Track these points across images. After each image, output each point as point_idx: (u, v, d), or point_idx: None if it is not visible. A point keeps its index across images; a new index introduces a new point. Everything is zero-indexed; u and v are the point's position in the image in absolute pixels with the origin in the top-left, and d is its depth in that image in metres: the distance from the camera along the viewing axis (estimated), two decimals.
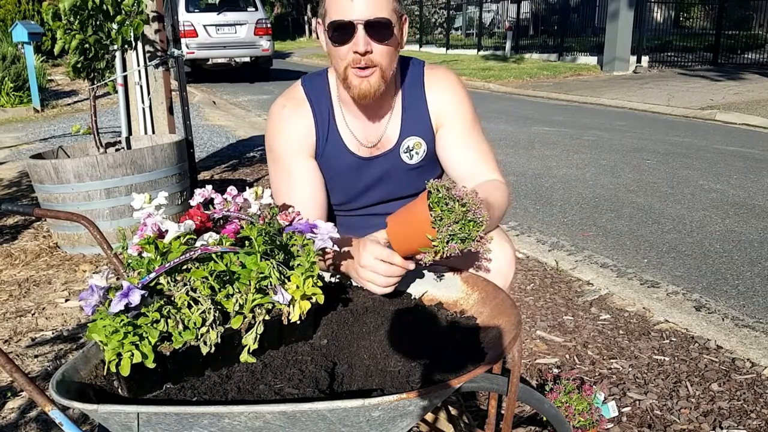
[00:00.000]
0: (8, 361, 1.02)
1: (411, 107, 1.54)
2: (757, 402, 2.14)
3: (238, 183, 5.18)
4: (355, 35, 1.33)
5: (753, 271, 3.32)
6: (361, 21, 1.32)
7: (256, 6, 13.32)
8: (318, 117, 1.52)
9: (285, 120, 1.53)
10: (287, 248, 1.11)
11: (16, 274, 3.29)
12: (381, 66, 1.38)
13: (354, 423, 0.90)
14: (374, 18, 1.32)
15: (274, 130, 1.54)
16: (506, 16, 20.28)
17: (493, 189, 1.42)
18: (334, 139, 1.53)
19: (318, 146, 1.53)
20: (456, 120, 1.54)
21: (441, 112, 1.54)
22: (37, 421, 2.01)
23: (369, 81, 1.38)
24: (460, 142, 1.54)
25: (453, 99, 1.55)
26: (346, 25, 1.33)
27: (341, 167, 1.55)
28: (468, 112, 1.56)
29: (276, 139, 1.53)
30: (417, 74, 1.56)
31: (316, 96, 1.54)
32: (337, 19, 1.33)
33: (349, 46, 1.35)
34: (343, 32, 1.34)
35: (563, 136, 7.27)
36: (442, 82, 1.55)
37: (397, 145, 1.55)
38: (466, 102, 1.56)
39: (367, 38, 1.34)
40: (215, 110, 9.71)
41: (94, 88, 3.61)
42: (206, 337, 0.99)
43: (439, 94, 1.54)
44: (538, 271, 3.34)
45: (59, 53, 3.68)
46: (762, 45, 13.87)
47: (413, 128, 1.54)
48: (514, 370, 1.13)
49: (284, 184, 1.52)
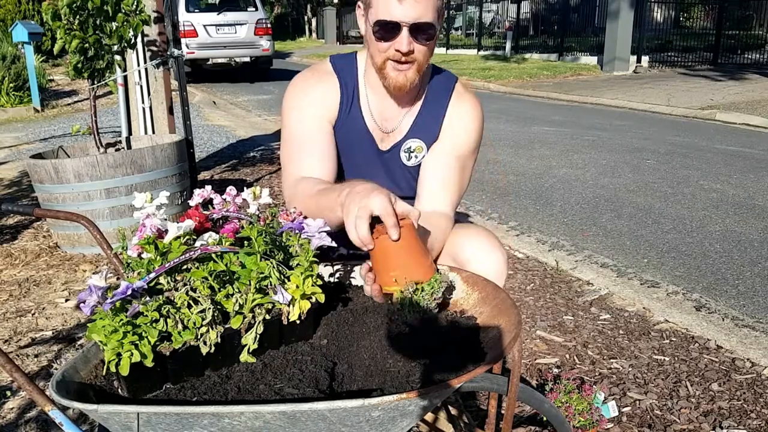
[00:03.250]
0: (8, 361, 1.02)
1: (429, 112, 1.56)
2: (757, 402, 2.14)
3: (238, 183, 5.18)
4: (400, 35, 1.37)
5: (753, 271, 3.32)
6: (407, 23, 1.35)
7: (256, 6, 13.32)
8: (344, 89, 1.55)
9: (310, 86, 1.55)
10: (287, 248, 1.11)
11: (16, 274, 3.29)
12: (418, 61, 1.42)
13: (354, 423, 0.90)
14: (420, 21, 1.35)
15: (297, 95, 1.54)
16: (506, 16, 20.28)
17: (435, 227, 1.42)
18: (355, 112, 1.55)
19: (340, 115, 1.55)
20: (453, 142, 1.54)
21: (449, 128, 1.55)
22: (37, 421, 2.01)
23: (406, 75, 1.42)
24: (440, 163, 1.54)
25: (466, 125, 1.55)
26: (393, 25, 1.36)
27: (355, 141, 1.56)
28: (469, 145, 1.56)
29: (297, 101, 1.53)
30: (447, 85, 1.58)
31: (344, 72, 1.57)
32: (383, 19, 1.36)
33: (392, 44, 1.38)
34: (388, 31, 1.37)
35: (563, 136, 7.27)
36: (468, 107, 1.57)
37: (401, 141, 1.56)
38: (474, 136, 1.57)
39: (411, 39, 1.37)
40: (215, 110, 9.71)
41: (94, 88, 3.61)
42: (206, 337, 0.99)
43: (459, 113, 1.55)
44: (538, 271, 3.34)
45: (59, 53, 3.68)
46: (762, 45, 13.87)
47: (421, 132, 1.56)
48: (514, 370, 1.13)
49: (296, 147, 1.51)
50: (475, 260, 1.40)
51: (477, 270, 1.37)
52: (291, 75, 1.83)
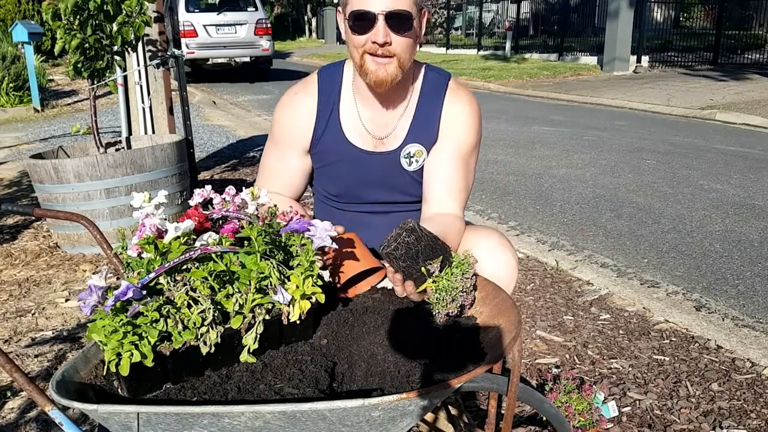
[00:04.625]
0: (8, 361, 1.02)
1: (424, 113, 1.54)
2: (757, 402, 2.14)
3: (238, 183, 5.18)
4: (375, 26, 1.36)
5: (753, 271, 3.32)
6: (382, 12, 1.35)
7: (256, 6, 13.32)
8: (321, 104, 1.55)
9: (290, 106, 1.58)
10: (287, 248, 1.11)
11: (16, 274, 3.29)
12: (399, 56, 1.40)
13: (354, 423, 0.90)
14: (395, 9, 1.35)
15: (279, 113, 1.60)
16: (506, 16, 20.27)
17: (450, 226, 1.43)
18: (334, 127, 1.55)
19: (316, 132, 1.56)
20: (453, 142, 1.53)
21: (448, 128, 1.53)
22: (37, 421, 2.01)
23: (386, 69, 1.40)
24: (444, 164, 1.53)
25: (464, 122, 1.54)
26: (367, 15, 1.35)
27: (340, 156, 1.56)
28: (469, 142, 1.54)
29: (278, 122, 1.61)
30: (440, 84, 1.56)
31: (327, 84, 1.57)
32: (358, 9, 1.36)
33: (368, 36, 1.37)
34: (363, 22, 1.37)
35: (563, 136, 7.27)
36: (464, 103, 1.55)
37: (400, 147, 1.55)
38: (473, 131, 1.55)
39: (387, 29, 1.36)
40: (215, 110, 9.71)
41: (94, 88, 3.61)
42: (206, 337, 0.99)
43: (455, 111, 1.54)
44: (538, 271, 3.34)
45: (59, 53, 3.68)
46: (762, 45, 13.87)
47: (419, 135, 1.54)
48: (514, 370, 1.13)
49: (269, 162, 1.64)
50: (486, 261, 1.38)
51: (487, 271, 1.36)
52: (291, 75, 1.85)
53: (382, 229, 1.60)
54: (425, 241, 1.17)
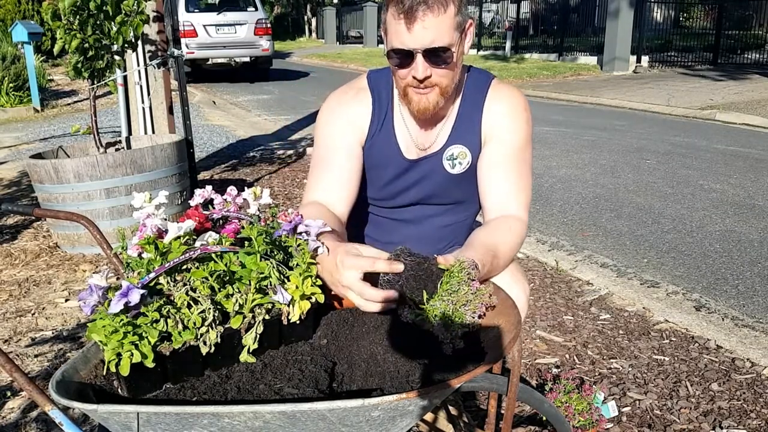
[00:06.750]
0: (8, 361, 1.02)
1: (466, 116, 1.52)
2: (757, 402, 2.14)
3: (237, 183, 5.18)
4: (414, 62, 1.34)
5: (753, 271, 3.32)
6: (419, 50, 1.32)
7: (256, 6, 13.32)
8: (376, 106, 1.53)
9: (342, 105, 1.54)
10: (287, 248, 1.11)
11: (16, 274, 3.29)
12: (440, 85, 1.38)
13: (354, 423, 0.90)
14: (433, 47, 1.32)
15: (327, 114, 1.54)
16: (506, 16, 20.27)
17: (507, 231, 1.40)
18: (387, 132, 1.53)
19: (370, 132, 1.53)
20: (504, 142, 1.49)
21: (493, 128, 1.50)
22: (37, 421, 2.01)
23: (428, 98, 1.39)
24: (499, 166, 1.48)
25: (510, 120, 1.49)
26: (406, 52, 1.33)
27: (386, 161, 1.54)
28: (520, 138, 1.50)
29: (326, 120, 1.54)
30: (482, 85, 1.53)
31: (379, 88, 1.55)
32: (396, 47, 1.34)
33: (409, 70, 1.36)
34: (402, 59, 1.35)
35: (563, 136, 7.27)
36: (506, 100, 1.51)
37: (442, 150, 1.52)
38: (523, 127, 1.50)
39: (426, 64, 1.34)
40: (215, 110, 9.71)
41: (94, 88, 3.61)
42: (206, 337, 0.99)
43: (498, 110, 1.50)
44: (538, 271, 3.34)
45: (59, 53, 3.68)
46: (762, 45, 13.87)
47: (462, 137, 1.51)
48: (514, 370, 1.13)
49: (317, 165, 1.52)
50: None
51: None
52: (291, 75, 1.84)
53: (414, 230, 1.60)
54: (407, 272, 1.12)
